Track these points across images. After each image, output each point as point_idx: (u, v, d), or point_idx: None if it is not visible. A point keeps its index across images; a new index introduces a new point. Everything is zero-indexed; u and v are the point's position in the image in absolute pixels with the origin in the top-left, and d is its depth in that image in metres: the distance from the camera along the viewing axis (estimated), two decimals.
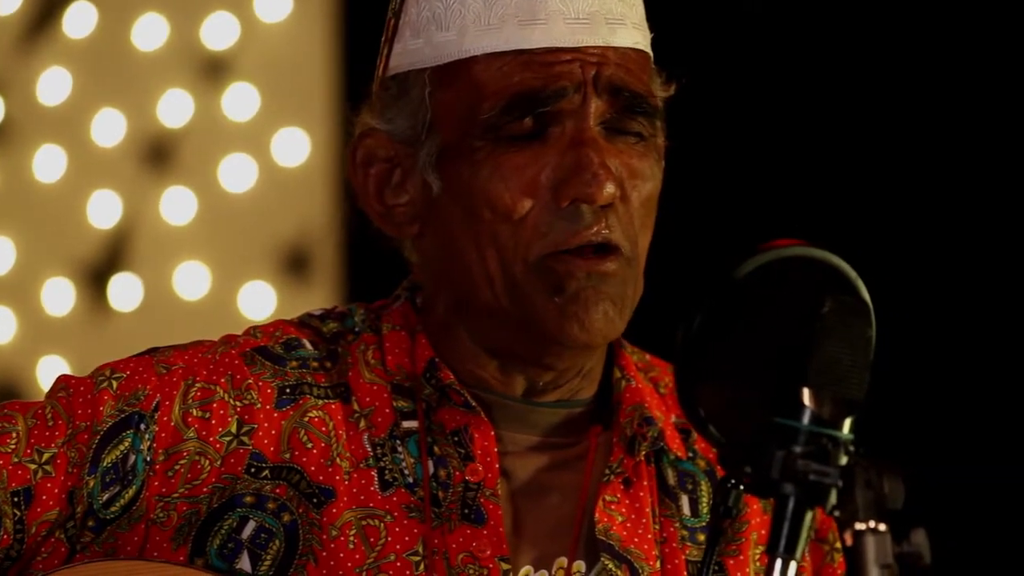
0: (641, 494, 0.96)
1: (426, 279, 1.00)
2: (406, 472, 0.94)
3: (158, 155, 2.94)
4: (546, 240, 0.90)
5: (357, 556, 0.90)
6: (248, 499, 0.90)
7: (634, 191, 0.91)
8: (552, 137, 0.91)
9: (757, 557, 0.96)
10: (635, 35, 0.96)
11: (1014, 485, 2.49)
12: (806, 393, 0.58)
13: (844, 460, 0.57)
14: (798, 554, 0.59)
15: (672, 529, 0.98)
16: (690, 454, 1.00)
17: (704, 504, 0.98)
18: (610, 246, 0.90)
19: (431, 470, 0.94)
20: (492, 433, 0.93)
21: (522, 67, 0.91)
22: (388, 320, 0.99)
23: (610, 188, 0.88)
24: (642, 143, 0.94)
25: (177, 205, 2.93)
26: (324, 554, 0.89)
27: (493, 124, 0.90)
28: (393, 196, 0.97)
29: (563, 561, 0.94)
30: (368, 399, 0.94)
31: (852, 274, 0.60)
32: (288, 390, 0.93)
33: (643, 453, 0.96)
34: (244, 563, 0.89)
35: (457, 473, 0.93)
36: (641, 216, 0.93)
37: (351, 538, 0.90)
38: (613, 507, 0.95)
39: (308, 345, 0.97)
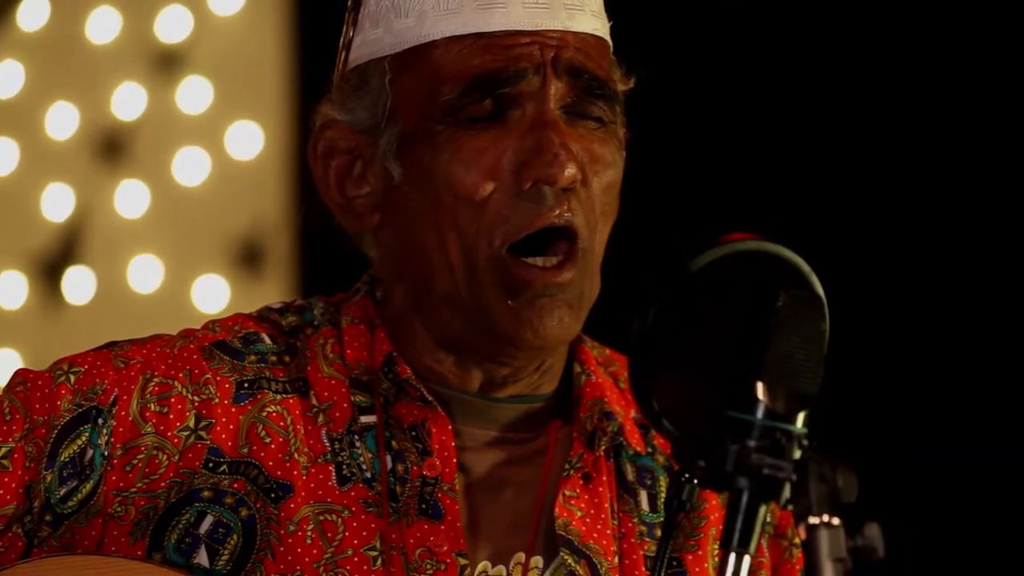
0: (600, 489, 0.95)
1: (386, 272, 0.98)
2: (364, 467, 0.92)
3: (111, 148, 2.89)
4: (508, 224, 0.88)
5: (315, 551, 0.88)
6: (206, 494, 0.88)
7: (595, 176, 0.90)
8: (512, 120, 0.89)
9: (715, 552, 0.96)
10: (594, 22, 0.95)
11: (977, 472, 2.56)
12: (760, 387, 0.57)
13: (798, 454, 0.57)
14: (752, 548, 0.58)
15: (631, 524, 0.97)
16: (649, 449, 0.99)
17: (663, 499, 0.98)
18: (571, 231, 0.89)
19: (389, 465, 0.92)
20: (450, 428, 0.92)
21: (481, 50, 0.90)
22: (347, 314, 0.97)
23: (571, 169, 0.87)
24: (603, 129, 0.92)
25: (130, 198, 2.89)
26: (282, 549, 0.88)
27: (453, 107, 0.89)
28: (354, 188, 0.95)
29: (521, 556, 0.93)
30: (326, 393, 0.93)
31: (806, 268, 0.59)
32: (246, 385, 0.92)
33: (603, 448, 0.95)
34: (202, 558, 0.87)
35: (415, 468, 0.91)
36: (602, 203, 0.92)
37: (309, 533, 0.89)
38: (572, 502, 0.94)
39: (267, 339, 0.95)
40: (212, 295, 2.86)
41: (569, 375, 0.98)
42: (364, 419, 0.94)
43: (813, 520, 0.55)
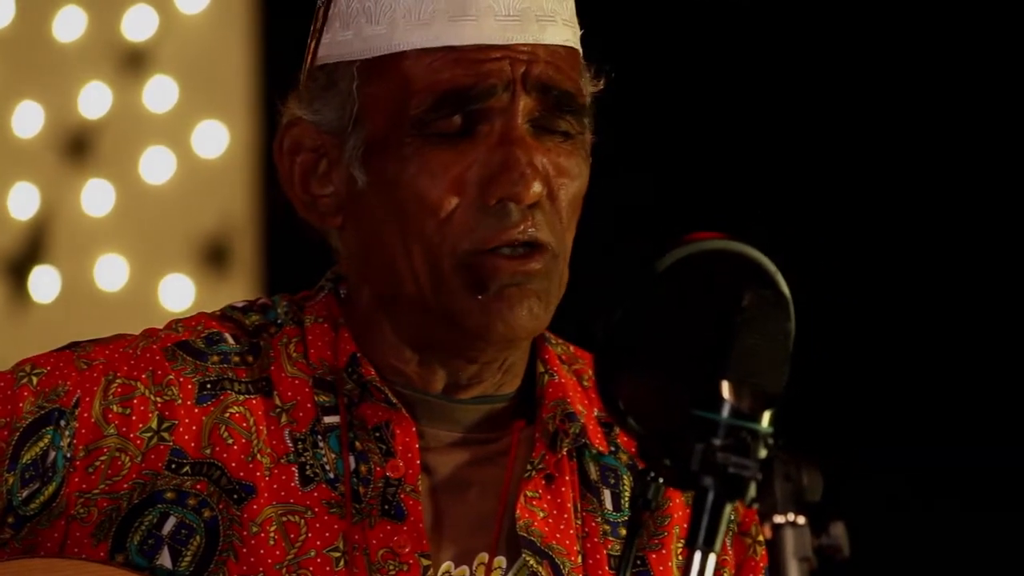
0: (563, 489, 0.95)
1: (350, 270, 0.97)
2: (327, 468, 0.91)
3: (77, 147, 2.87)
4: (473, 236, 0.88)
5: (278, 552, 0.87)
6: (169, 495, 0.87)
7: (561, 189, 0.89)
8: (480, 135, 0.88)
9: (679, 551, 0.95)
10: (565, 32, 0.94)
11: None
12: (725, 386, 0.57)
13: (763, 453, 0.56)
14: (717, 546, 0.58)
15: (594, 524, 0.96)
16: (612, 448, 0.99)
17: (626, 498, 0.98)
18: (537, 244, 0.88)
19: (352, 466, 0.91)
20: (413, 429, 0.91)
21: (452, 64, 0.88)
22: (311, 312, 0.96)
23: (537, 188, 0.86)
24: (569, 141, 0.92)
25: (96, 197, 2.86)
26: (244, 550, 0.86)
27: (422, 120, 0.88)
28: (319, 186, 0.94)
29: (484, 557, 0.92)
30: (290, 393, 0.92)
31: (772, 268, 0.59)
32: (209, 385, 0.90)
33: (565, 449, 0.94)
34: (165, 559, 0.85)
35: (378, 469, 0.90)
36: (568, 214, 0.91)
37: (272, 534, 0.88)
38: (535, 503, 0.93)
39: (230, 339, 0.93)
40: (178, 294, 2.84)
41: (532, 374, 0.98)
42: (327, 419, 0.93)
43: (778, 519, 0.54)
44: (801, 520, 0.54)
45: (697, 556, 0.61)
